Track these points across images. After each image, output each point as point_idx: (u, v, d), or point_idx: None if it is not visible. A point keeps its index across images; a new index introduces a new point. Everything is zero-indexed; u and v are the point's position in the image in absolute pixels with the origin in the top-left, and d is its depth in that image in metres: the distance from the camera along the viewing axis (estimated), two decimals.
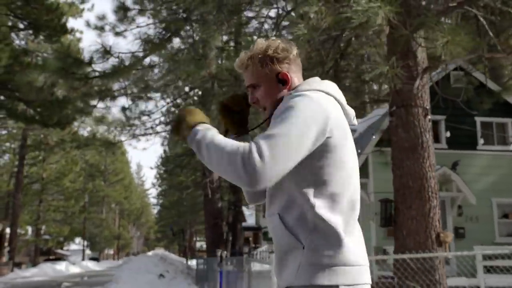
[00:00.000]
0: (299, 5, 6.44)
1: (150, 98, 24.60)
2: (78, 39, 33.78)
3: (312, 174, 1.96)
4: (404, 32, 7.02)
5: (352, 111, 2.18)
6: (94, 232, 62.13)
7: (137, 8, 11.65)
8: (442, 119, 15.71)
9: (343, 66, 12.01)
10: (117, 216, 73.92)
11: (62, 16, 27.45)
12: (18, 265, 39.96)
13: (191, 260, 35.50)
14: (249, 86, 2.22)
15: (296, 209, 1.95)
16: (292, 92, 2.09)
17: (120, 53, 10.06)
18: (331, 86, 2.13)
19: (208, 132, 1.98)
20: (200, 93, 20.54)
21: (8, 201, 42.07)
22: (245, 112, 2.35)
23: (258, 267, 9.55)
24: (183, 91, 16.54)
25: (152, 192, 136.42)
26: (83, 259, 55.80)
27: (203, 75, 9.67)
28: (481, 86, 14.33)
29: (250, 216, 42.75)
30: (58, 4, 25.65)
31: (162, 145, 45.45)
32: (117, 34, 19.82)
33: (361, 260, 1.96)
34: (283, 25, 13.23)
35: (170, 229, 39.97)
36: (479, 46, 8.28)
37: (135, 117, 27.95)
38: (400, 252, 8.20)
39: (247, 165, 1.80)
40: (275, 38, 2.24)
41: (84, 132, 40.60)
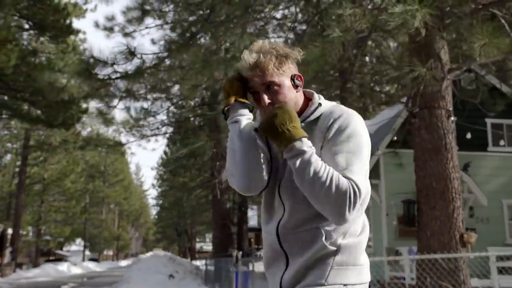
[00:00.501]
0: (333, 7, 6.51)
1: (156, 99, 24.67)
2: (82, 40, 33.74)
3: None
4: (438, 34, 7.07)
5: None
6: (94, 233, 62.07)
7: (156, 10, 11.65)
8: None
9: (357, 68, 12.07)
10: (117, 217, 73.82)
11: (68, 17, 27.51)
12: (19, 266, 39.90)
13: (193, 261, 35.62)
14: (264, 85, 2.09)
15: (337, 226, 2.01)
16: (323, 104, 2.15)
17: (143, 54, 10.09)
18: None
19: (314, 154, 1.95)
20: (209, 93, 20.60)
21: (10, 202, 42.05)
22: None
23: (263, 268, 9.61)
24: (194, 93, 16.56)
25: (151, 193, 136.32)
26: (84, 260, 55.77)
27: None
28: (493, 89, 14.46)
29: (253, 217, 42.81)
30: (65, 5, 25.66)
31: (168, 146, 45.64)
32: (126, 35, 19.87)
33: (367, 259, 2.13)
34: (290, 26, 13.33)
35: (175, 230, 40.01)
36: None
37: (140, 118, 28.07)
38: (426, 253, 8.25)
39: (351, 209, 1.89)
40: (276, 41, 2.25)
41: (84, 133, 40.88)
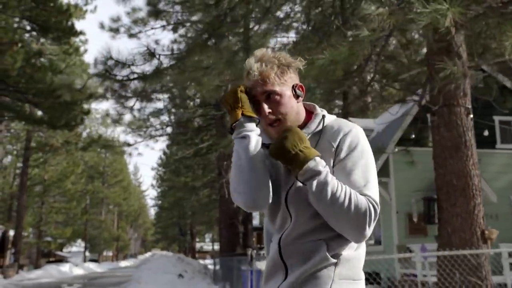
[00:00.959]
0: (361, 7, 6.59)
1: (159, 99, 24.74)
2: (84, 41, 33.76)
3: None
4: (460, 32, 7.15)
5: None
6: (93, 234, 62.04)
7: (170, 11, 11.71)
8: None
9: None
10: (116, 218, 73.80)
11: (70, 18, 27.55)
12: (20, 267, 39.89)
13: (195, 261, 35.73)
14: (264, 93, 2.06)
15: (340, 239, 1.99)
16: (327, 116, 2.14)
17: (162, 55, 10.14)
18: None
19: (329, 173, 1.94)
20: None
21: (11, 204, 42.01)
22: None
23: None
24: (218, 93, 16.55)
25: (150, 194, 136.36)
26: (85, 261, 55.77)
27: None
28: (503, 87, 14.61)
29: (256, 217, 42.88)
30: (68, 6, 25.68)
31: (168, 147, 45.66)
32: (131, 36, 19.90)
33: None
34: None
35: (179, 230, 40.04)
36: None
37: (144, 118, 28.14)
38: (448, 249, 8.33)
39: (371, 225, 1.92)
40: (280, 51, 2.20)
41: (83, 134, 41.00)
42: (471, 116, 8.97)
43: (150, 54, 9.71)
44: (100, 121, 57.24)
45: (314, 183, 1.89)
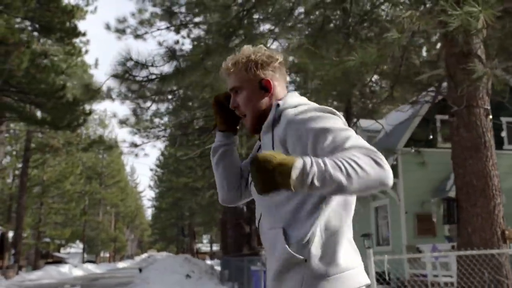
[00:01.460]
0: (390, 9, 6.68)
1: (163, 100, 24.74)
2: (85, 42, 33.74)
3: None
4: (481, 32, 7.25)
5: None
6: (91, 235, 61.95)
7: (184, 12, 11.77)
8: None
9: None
10: (113, 219, 73.72)
11: (74, 19, 27.59)
12: (19, 268, 39.82)
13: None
14: (232, 90, 2.18)
15: (299, 223, 1.92)
16: (284, 104, 2.05)
17: (182, 56, 10.19)
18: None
19: (313, 158, 1.70)
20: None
21: (10, 205, 41.93)
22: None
23: None
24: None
25: (147, 195, 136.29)
26: (84, 262, 55.71)
27: None
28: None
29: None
30: (72, 7, 25.70)
31: (167, 148, 45.67)
32: (137, 37, 19.91)
33: (357, 262, 1.96)
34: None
35: (181, 231, 40.05)
36: None
37: (147, 119, 28.13)
38: (470, 249, 8.41)
39: (382, 162, 1.74)
40: (262, 46, 2.23)
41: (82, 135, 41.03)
42: (490, 117, 9.07)
43: (171, 55, 9.77)
44: (98, 122, 57.47)
45: (314, 184, 1.65)
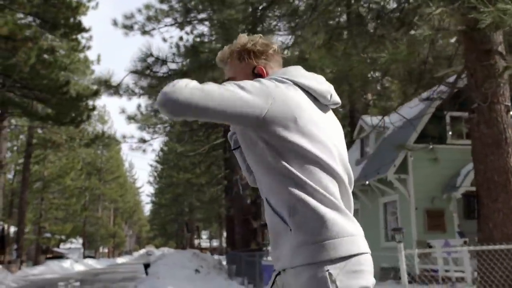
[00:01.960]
0: (422, 7, 6.75)
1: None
2: (88, 38, 33.72)
3: (277, 158, 1.94)
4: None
5: (327, 90, 2.12)
6: (90, 231, 61.99)
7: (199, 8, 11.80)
8: None
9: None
10: (112, 215, 73.76)
11: (78, 14, 27.59)
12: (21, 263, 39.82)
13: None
14: (228, 80, 2.20)
15: (276, 192, 1.95)
16: None
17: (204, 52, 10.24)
18: (303, 76, 2.11)
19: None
20: None
21: (12, 199, 41.93)
22: None
23: None
24: None
25: (145, 190, 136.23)
26: (84, 257, 55.78)
27: None
28: None
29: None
30: (77, 3, 25.70)
31: (167, 144, 45.67)
32: (145, 33, 19.92)
33: (351, 231, 1.90)
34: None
35: (186, 226, 40.10)
36: None
37: (151, 115, 28.19)
38: (492, 244, 8.50)
39: (171, 84, 1.86)
40: (257, 35, 2.26)
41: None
42: (511, 113, 9.16)
43: (194, 51, 9.81)
44: (97, 118, 57.43)
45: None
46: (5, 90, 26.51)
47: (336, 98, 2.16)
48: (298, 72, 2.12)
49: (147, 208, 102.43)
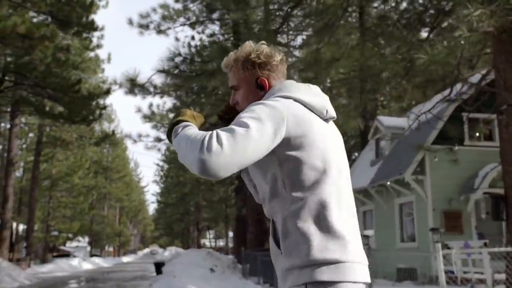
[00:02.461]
0: (460, 8, 6.79)
1: (180, 96, 24.85)
2: (100, 36, 33.79)
3: (279, 178, 2.00)
4: None
5: (323, 106, 2.13)
6: (97, 229, 62.13)
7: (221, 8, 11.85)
8: None
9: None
10: (118, 213, 73.90)
11: (91, 13, 27.68)
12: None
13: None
14: (231, 88, 2.25)
15: (275, 216, 2.03)
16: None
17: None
18: (300, 91, 2.12)
19: (184, 127, 2.01)
20: None
21: (21, 197, 42.05)
22: None
23: None
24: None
25: (150, 189, 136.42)
26: (91, 256, 55.92)
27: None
28: None
29: None
30: (91, 1, 25.77)
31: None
32: (160, 32, 19.96)
33: (337, 255, 1.89)
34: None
35: (196, 226, 40.20)
36: None
37: (164, 115, 28.26)
38: None
39: (205, 149, 1.77)
40: (263, 43, 2.26)
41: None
42: None
43: (223, 51, 9.84)
44: (105, 117, 57.53)
45: (174, 142, 2.00)
46: (18, 89, 26.63)
47: (332, 113, 2.17)
48: (295, 87, 2.14)
49: (152, 208, 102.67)
